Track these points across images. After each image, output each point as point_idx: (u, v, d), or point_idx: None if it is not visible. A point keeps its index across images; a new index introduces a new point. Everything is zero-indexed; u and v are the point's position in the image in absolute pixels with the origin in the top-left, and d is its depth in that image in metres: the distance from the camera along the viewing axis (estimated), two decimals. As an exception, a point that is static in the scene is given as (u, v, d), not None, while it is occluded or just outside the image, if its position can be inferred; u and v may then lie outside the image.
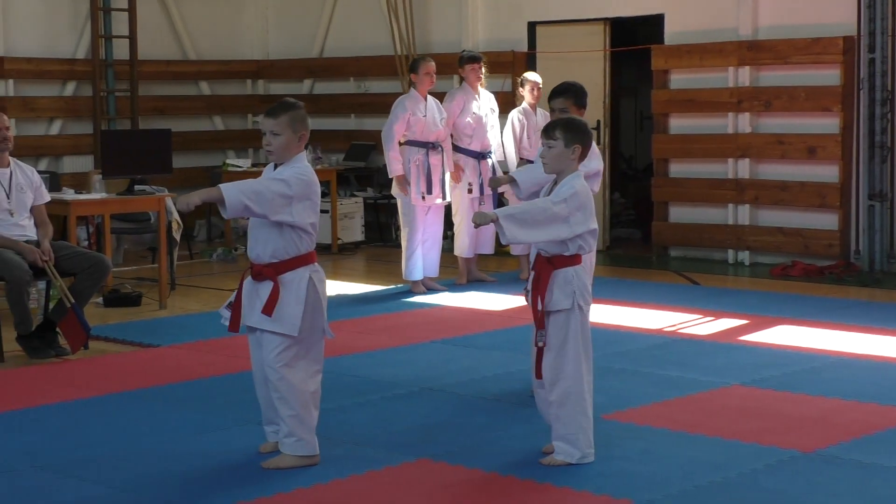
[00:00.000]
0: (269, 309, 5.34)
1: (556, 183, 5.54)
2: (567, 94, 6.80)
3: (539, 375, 5.47)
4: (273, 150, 5.57)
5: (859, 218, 11.22)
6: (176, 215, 10.51)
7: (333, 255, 12.80)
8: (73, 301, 7.73)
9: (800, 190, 11.45)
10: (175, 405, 6.64)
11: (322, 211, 14.31)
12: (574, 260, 5.44)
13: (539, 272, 5.48)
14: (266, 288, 5.39)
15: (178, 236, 10.70)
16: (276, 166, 5.60)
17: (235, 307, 5.51)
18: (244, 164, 13.71)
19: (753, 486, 5.16)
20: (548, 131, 5.53)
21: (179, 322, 9.15)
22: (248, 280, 5.48)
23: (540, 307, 5.41)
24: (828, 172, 11.42)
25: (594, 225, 5.49)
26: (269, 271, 5.39)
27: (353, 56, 14.93)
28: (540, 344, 5.45)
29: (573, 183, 5.46)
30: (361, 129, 14.77)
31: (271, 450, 5.61)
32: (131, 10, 13.85)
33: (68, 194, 9.79)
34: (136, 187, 10.04)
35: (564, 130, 5.50)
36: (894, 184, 11.07)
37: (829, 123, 11.42)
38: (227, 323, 5.56)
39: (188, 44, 15.05)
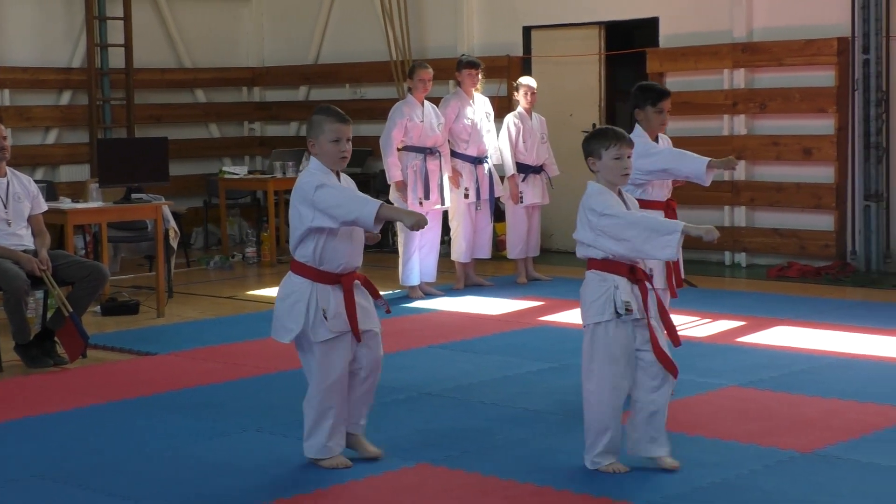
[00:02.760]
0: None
1: (620, 193, 5.44)
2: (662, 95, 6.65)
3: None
4: (349, 158, 5.49)
5: (855, 218, 11.24)
6: (173, 223, 10.51)
7: (331, 261, 12.81)
8: (70, 310, 7.73)
9: (795, 191, 11.47)
10: (175, 413, 6.64)
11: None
12: None
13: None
14: (364, 293, 5.48)
15: (175, 244, 10.71)
16: (338, 174, 5.47)
17: (353, 317, 5.42)
18: (240, 171, 13.71)
19: (753, 487, 5.17)
20: (629, 140, 5.38)
21: (177, 330, 9.15)
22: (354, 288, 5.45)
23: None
24: (823, 173, 11.44)
25: None
26: (360, 277, 5.50)
27: (348, 62, 14.95)
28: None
29: None
30: (357, 135, 14.51)
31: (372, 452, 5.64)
32: (126, 18, 13.87)
33: (65, 203, 9.79)
34: (133, 196, 10.05)
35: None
36: (890, 184, 11.09)
37: (824, 124, 11.45)
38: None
39: (183, 52, 15.07)
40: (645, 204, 6.16)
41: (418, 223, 5.22)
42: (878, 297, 10.05)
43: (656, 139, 6.62)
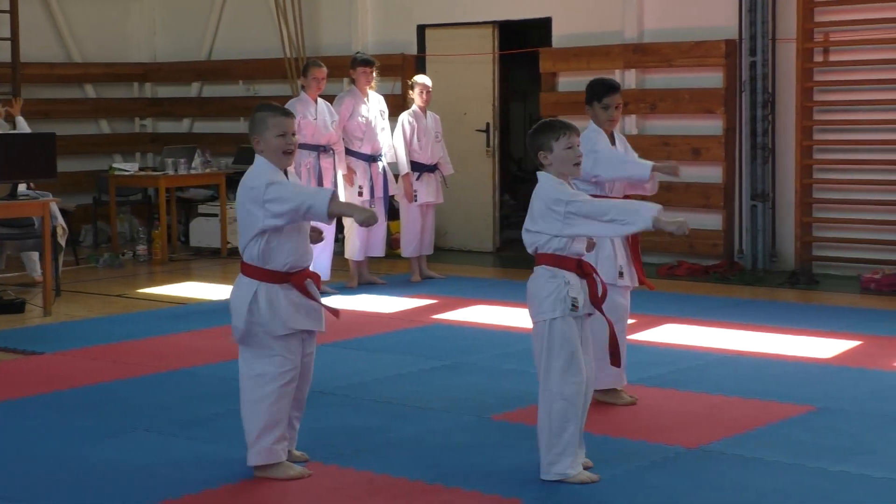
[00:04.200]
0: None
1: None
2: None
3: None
4: (294, 152, 5.40)
5: (742, 218, 11.45)
6: (61, 220, 10.34)
7: (223, 259, 12.71)
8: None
9: (685, 191, 11.65)
10: (63, 413, 6.54)
11: (211, 215, 14.20)
12: None
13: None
14: (315, 293, 5.41)
15: (63, 241, 10.54)
16: (285, 171, 5.37)
17: (319, 305, 5.40)
18: (131, 168, 13.55)
19: (640, 483, 5.25)
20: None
21: (65, 329, 9.01)
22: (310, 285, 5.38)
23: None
24: (712, 173, 11.64)
25: None
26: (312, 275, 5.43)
27: (241, 59, 14.84)
28: None
29: None
30: (251, 132, 14.65)
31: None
32: (13, 11, 13.59)
33: (-51, 200, 9.59)
34: (20, 192, 9.86)
35: None
36: (776, 184, 11.31)
37: (712, 125, 11.65)
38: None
39: (73, 46, 14.83)
40: None
41: (369, 219, 5.18)
42: (764, 294, 10.26)
43: (612, 137, 6.54)
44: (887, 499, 5.02)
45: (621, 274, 6.34)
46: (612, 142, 6.55)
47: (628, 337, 8.31)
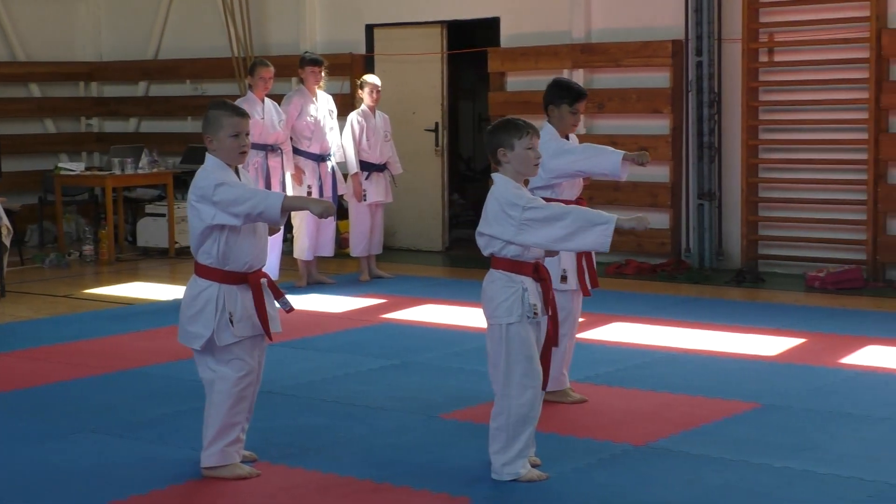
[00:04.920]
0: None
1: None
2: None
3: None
4: (248, 152, 5.38)
5: (689, 217, 11.54)
6: (5, 220, 10.24)
7: (171, 259, 12.65)
8: None
9: (632, 190, 11.71)
10: (7, 415, 6.48)
11: (158, 214, 14.08)
12: None
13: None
14: (269, 295, 5.38)
15: (7, 241, 10.43)
16: (237, 170, 5.34)
17: (263, 315, 5.31)
18: (77, 167, 13.43)
19: (587, 481, 5.28)
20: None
21: (10, 329, 8.92)
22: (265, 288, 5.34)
23: None
24: (659, 172, 11.71)
25: None
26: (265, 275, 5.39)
27: (189, 58, 14.76)
28: None
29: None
30: (198, 131, 14.47)
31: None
32: (-44, 9, 13.47)
33: None
34: (-36, 192, 9.77)
35: None
36: (722, 183, 11.41)
37: (659, 125, 11.72)
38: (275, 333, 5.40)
39: (17, 45, 14.69)
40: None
41: (326, 210, 5.16)
42: (711, 293, 10.34)
43: (567, 138, 6.58)
44: (831, 494, 5.08)
45: (564, 278, 6.35)
46: None
47: (576, 335, 8.38)
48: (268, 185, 10.17)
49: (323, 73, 10.69)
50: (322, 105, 10.71)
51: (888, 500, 5.03)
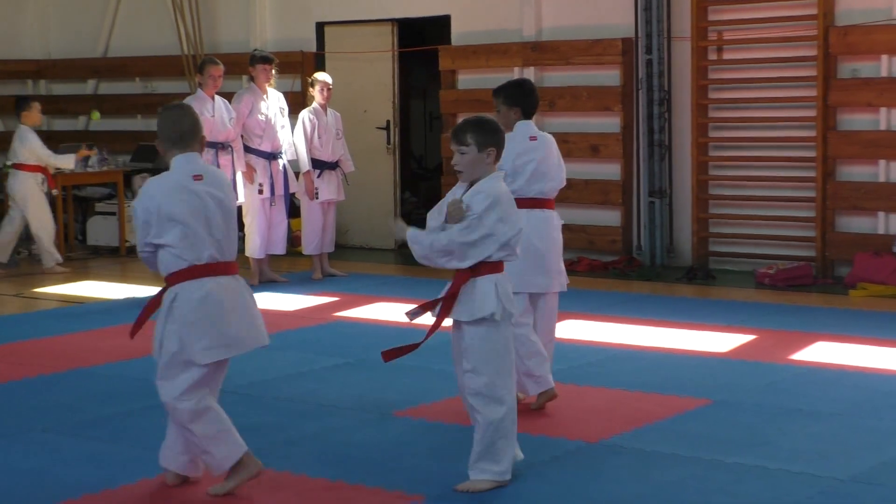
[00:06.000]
0: None
1: (470, 185, 5.15)
2: (496, 93, 6.53)
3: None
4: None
5: (640, 214, 11.60)
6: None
7: (121, 258, 12.55)
8: None
9: (584, 188, 11.76)
10: (-45, 416, 6.42)
11: (108, 213, 13.95)
12: (497, 267, 5.16)
13: (457, 281, 5.16)
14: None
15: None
16: None
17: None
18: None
19: (541, 478, 5.29)
20: (458, 136, 5.10)
21: (-42, 330, 8.84)
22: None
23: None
24: (610, 170, 11.76)
25: (520, 225, 5.17)
26: None
27: (138, 56, 14.66)
28: None
29: (491, 190, 5.06)
30: (148, 129, 14.49)
31: None
32: None
33: None
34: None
35: (476, 133, 5.10)
36: (673, 181, 11.47)
37: (610, 123, 11.77)
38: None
39: (-37, 42, 14.54)
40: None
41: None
42: (663, 290, 10.40)
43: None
44: (782, 490, 5.13)
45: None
46: None
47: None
48: (219, 184, 10.11)
49: (273, 71, 10.66)
50: (273, 103, 10.67)
51: (837, 495, 5.08)
